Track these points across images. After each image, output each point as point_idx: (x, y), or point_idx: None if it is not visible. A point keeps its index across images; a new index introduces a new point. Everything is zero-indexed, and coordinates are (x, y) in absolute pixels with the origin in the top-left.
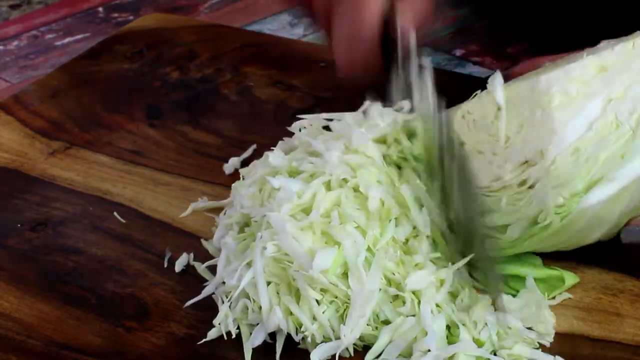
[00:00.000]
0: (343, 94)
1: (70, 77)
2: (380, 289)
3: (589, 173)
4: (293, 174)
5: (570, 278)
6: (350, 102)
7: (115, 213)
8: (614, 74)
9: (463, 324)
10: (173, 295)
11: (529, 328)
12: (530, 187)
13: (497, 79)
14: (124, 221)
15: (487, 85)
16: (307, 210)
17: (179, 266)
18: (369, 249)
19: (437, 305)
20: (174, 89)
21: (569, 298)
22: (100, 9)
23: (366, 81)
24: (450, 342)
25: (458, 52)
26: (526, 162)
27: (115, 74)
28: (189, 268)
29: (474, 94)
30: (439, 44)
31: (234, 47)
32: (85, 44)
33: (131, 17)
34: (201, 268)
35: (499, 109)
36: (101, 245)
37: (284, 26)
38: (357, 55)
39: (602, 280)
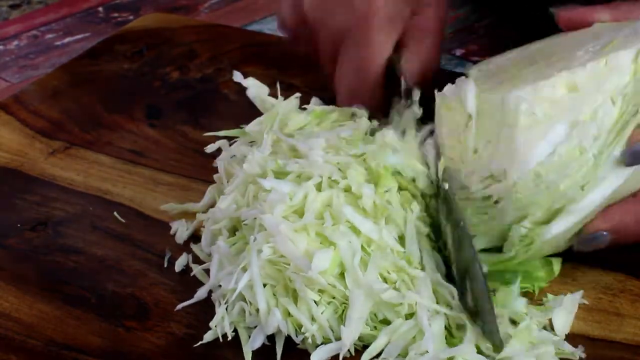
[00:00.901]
0: None
1: (70, 77)
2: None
3: (548, 201)
4: (279, 175)
5: (556, 263)
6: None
7: (115, 213)
8: (585, 94)
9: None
10: (173, 295)
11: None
12: (496, 202)
13: (468, 86)
14: (124, 221)
15: (457, 90)
16: (298, 212)
17: (178, 266)
18: (363, 249)
19: (436, 306)
20: (174, 89)
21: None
22: (100, 8)
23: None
24: (451, 344)
25: (458, 52)
26: (491, 176)
27: (115, 74)
28: (189, 268)
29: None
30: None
31: (234, 47)
32: (85, 44)
33: (131, 17)
34: (197, 270)
35: (470, 117)
36: (101, 245)
37: None
38: (359, 98)
39: (602, 280)
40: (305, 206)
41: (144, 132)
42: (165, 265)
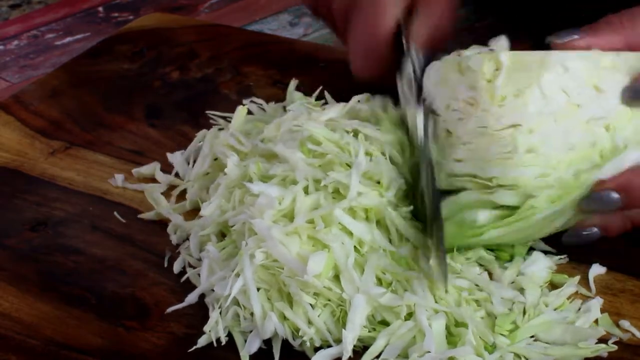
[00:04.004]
0: (357, 87)
1: (71, 77)
2: None
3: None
4: (262, 179)
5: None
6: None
7: (115, 213)
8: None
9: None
10: (173, 295)
11: None
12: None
13: (502, 41)
14: (124, 221)
15: (491, 46)
16: (287, 216)
17: (177, 266)
18: (356, 250)
19: (435, 305)
20: (174, 89)
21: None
22: (100, 8)
23: (378, 80)
24: (450, 342)
25: None
26: (514, 126)
27: (115, 74)
28: None
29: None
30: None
31: (234, 47)
32: (85, 44)
33: (131, 17)
34: (191, 274)
35: (497, 69)
36: (101, 245)
37: (284, 26)
38: (371, 60)
39: (602, 280)
40: (294, 210)
41: (144, 132)
42: (165, 266)
